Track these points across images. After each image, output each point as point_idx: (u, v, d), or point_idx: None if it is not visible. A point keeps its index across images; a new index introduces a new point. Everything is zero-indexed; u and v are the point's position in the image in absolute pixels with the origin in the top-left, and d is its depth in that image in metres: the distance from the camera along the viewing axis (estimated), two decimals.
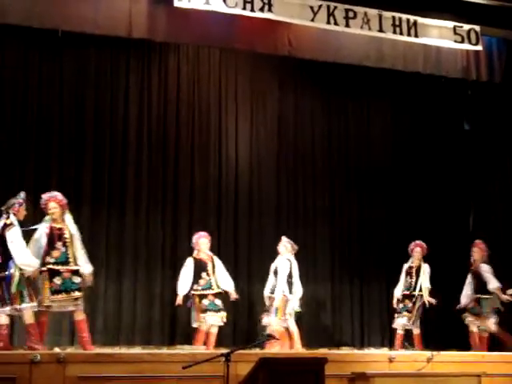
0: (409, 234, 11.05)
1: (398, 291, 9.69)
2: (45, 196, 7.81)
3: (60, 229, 7.70)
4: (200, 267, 8.95)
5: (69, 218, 7.82)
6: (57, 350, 7.42)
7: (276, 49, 9.50)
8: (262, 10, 8.92)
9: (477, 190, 11.51)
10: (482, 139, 11.44)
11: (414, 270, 9.61)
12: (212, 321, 8.75)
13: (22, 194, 7.55)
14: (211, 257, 9.10)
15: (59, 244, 7.63)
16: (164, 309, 9.87)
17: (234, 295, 9.11)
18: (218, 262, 9.11)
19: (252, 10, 8.89)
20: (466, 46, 9.85)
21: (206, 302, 8.79)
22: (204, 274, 8.91)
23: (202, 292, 8.85)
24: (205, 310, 8.76)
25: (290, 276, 9.15)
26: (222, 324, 8.87)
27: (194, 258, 9.01)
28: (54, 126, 10.01)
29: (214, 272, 8.96)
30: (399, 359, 7.61)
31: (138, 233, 9.98)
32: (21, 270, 7.20)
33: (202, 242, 9.09)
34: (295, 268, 9.26)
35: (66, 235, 7.68)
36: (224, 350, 5.94)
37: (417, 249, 9.74)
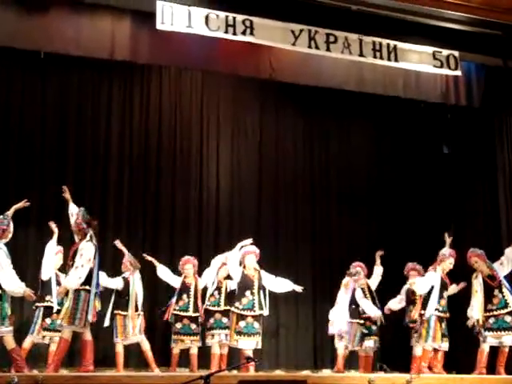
0: (389, 253, 11.11)
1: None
2: None
3: None
4: (245, 284, 8.59)
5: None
6: (35, 372, 7.36)
7: (258, 72, 9.56)
8: (243, 33, 8.96)
9: (456, 210, 11.59)
10: (461, 162, 11.55)
11: (366, 291, 9.53)
12: (244, 345, 8.45)
13: (6, 220, 7.42)
14: (258, 272, 8.69)
15: None
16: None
17: (298, 289, 8.92)
18: (265, 274, 8.75)
19: (234, 33, 8.92)
20: (445, 71, 9.94)
21: (242, 323, 8.45)
22: (248, 293, 8.53)
23: (241, 312, 8.50)
24: (239, 333, 8.45)
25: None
26: (256, 348, 8.55)
27: (243, 273, 8.65)
28: (36, 146, 10.06)
29: (259, 292, 8.57)
30: (379, 382, 7.58)
31: (118, 255, 9.93)
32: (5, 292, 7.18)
33: (248, 258, 8.69)
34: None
35: None
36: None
37: (359, 269, 9.61)
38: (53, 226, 8.66)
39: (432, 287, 8.75)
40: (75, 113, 10.31)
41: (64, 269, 8.15)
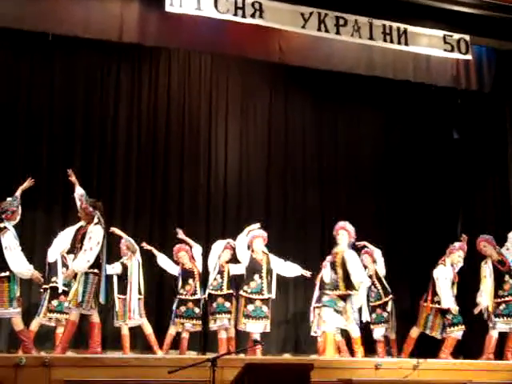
0: (398, 240, 11.11)
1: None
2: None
3: None
4: (254, 268, 8.72)
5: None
6: (42, 353, 7.39)
7: (267, 55, 9.51)
8: (253, 16, 8.94)
9: (465, 197, 11.56)
10: (471, 147, 11.49)
11: (374, 278, 9.46)
12: (252, 328, 8.57)
13: (16, 202, 7.48)
14: (267, 256, 8.83)
15: None
16: (150, 315, 9.82)
17: (306, 274, 9.08)
18: (274, 258, 8.86)
19: (243, 16, 8.90)
20: (456, 55, 9.89)
21: (250, 307, 8.58)
22: (256, 276, 8.66)
23: (250, 295, 8.63)
24: (247, 316, 8.58)
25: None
26: (265, 331, 8.69)
27: (251, 256, 8.77)
28: (44, 129, 10.06)
29: (267, 275, 8.69)
30: (385, 366, 7.59)
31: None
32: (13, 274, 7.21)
33: (256, 242, 8.82)
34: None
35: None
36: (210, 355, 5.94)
37: (364, 256, 9.53)
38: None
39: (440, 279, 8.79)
40: (83, 95, 10.30)
41: (72, 251, 8.16)
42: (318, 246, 11.20)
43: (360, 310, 8.87)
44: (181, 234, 9.36)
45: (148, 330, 8.96)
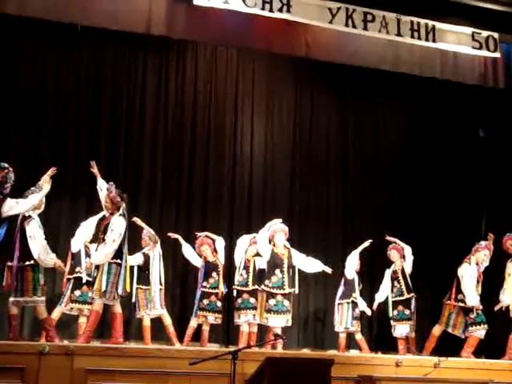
0: (421, 239, 11.04)
1: (382, 297, 9.60)
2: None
3: None
4: (275, 262, 8.72)
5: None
6: (66, 342, 7.47)
7: (293, 49, 9.52)
8: (280, 10, 8.96)
9: (490, 195, 11.47)
10: (497, 146, 11.40)
11: (399, 274, 9.48)
12: (274, 323, 8.59)
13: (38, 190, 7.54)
14: (288, 250, 8.83)
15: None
16: (173, 306, 9.88)
17: (328, 270, 9.09)
18: (295, 253, 8.87)
19: (271, 10, 8.93)
20: (484, 53, 9.83)
21: (272, 301, 8.59)
22: (277, 271, 8.66)
23: (271, 290, 8.64)
24: (269, 311, 8.60)
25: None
26: (287, 325, 8.72)
27: (272, 251, 8.79)
28: (70, 121, 10.09)
29: (288, 270, 8.68)
30: (406, 364, 7.59)
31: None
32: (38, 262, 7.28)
33: (277, 236, 8.82)
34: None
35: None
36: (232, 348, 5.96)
37: (393, 251, 9.62)
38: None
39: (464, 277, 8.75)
40: (110, 87, 10.34)
41: (95, 241, 8.23)
42: (341, 242, 11.19)
43: None
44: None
45: (167, 320, 9.00)
